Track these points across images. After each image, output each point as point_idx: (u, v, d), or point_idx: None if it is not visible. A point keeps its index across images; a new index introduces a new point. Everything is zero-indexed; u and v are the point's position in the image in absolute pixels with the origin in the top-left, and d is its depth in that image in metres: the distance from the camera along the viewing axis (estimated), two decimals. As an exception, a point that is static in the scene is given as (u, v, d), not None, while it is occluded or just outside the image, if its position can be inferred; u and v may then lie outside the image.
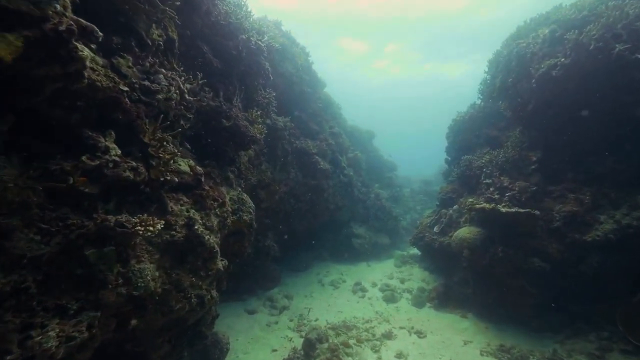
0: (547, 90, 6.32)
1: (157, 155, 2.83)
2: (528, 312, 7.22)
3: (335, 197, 12.55)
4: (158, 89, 2.79)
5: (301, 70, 9.90)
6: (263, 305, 9.09)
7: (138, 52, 2.71)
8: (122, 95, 2.45)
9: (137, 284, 2.95)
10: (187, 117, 3.62)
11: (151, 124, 2.83)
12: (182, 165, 3.37)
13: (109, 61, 2.43)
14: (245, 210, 5.29)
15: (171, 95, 2.95)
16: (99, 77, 2.22)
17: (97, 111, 2.44)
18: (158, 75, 2.85)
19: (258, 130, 5.34)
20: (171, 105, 3.01)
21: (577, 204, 6.24)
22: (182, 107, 3.39)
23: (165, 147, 2.98)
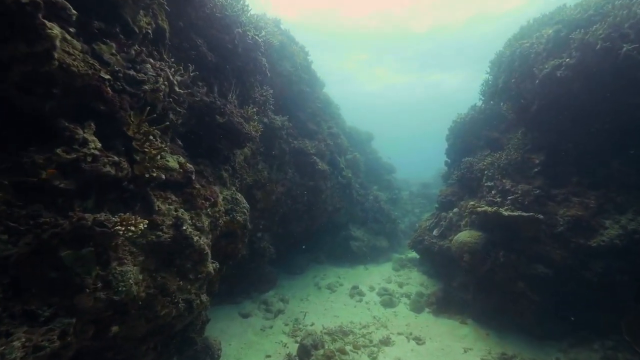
0: (551, 91, 6.16)
1: (142, 149, 2.64)
2: (530, 319, 7.03)
3: (333, 199, 12.35)
4: (144, 79, 2.60)
5: (300, 69, 9.72)
6: (258, 309, 8.87)
7: (123, 39, 2.52)
8: (104, 84, 2.26)
9: (118, 288, 2.74)
10: (178, 111, 3.43)
11: (136, 117, 2.64)
12: (171, 162, 3.17)
13: (90, 47, 2.24)
14: (239, 211, 5.09)
15: (159, 86, 2.76)
16: (76, 62, 2.02)
17: (76, 100, 2.24)
18: (145, 65, 2.66)
19: (254, 128, 5.15)
20: (159, 97, 2.82)
21: (581, 208, 6.08)
22: (172, 100, 3.19)
23: (151, 142, 2.78)
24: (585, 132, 6.22)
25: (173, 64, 3.15)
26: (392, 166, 20.57)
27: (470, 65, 36.94)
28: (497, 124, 10.12)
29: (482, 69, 8.63)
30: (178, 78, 3.19)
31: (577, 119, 6.17)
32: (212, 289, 5.28)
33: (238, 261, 8.82)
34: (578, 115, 6.12)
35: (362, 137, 19.39)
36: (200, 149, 5.00)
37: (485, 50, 11.66)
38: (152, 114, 2.66)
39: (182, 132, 4.66)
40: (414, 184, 26.54)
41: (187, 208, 3.74)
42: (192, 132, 4.84)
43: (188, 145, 4.72)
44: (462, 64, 39.26)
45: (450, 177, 12.49)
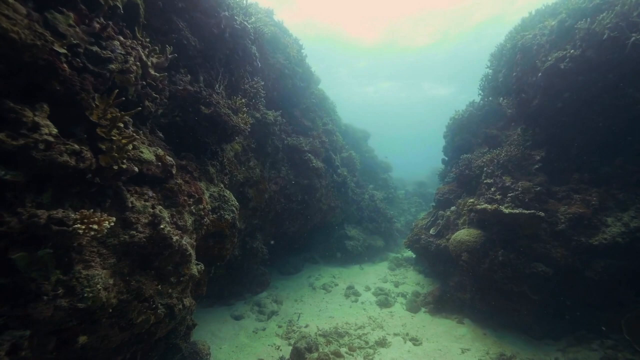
0: (554, 84, 5.95)
1: (109, 138, 2.33)
2: (528, 319, 6.86)
3: (328, 198, 12.08)
4: (110, 56, 2.29)
5: (293, 62, 9.40)
6: (250, 311, 8.57)
7: (85, 10, 2.20)
8: (58, 60, 1.95)
9: (83, 294, 2.43)
10: (155, 98, 3.12)
11: (102, 100, 2.33)
12: (145, 153, 2.86)
13: (41, 16, 1.93)
14: (227, 209, 4.78)
15: (129, 67, 2.45)
16: (19, 29, 1.71)
17: (25, 79, 1.93)
18: (112, 42, 2.35)
19: (243, 120, 4.84)
20: (129, 79, 2.51)
21: (583, 206, 5.88)
22: (146, 84, 2.88)
23: (120, 130, 2.47)
24: (588, 127, 6.02)
25: (147, 44, 2.83)
26: (389, 165, 20.36)
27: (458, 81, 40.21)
28: (495, 121, 9.93)
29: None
30: (153, 60, 2.88)
31: (580, 114, 5.96)
32: (199, 291, 4.98)
33: (229, 262, 8.54)
34: (581, 110, 5.91)
35: (358, 135, 19.14)
36: (185, 142, 4.69)
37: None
38: (120, 98, 2.34)
39: (164, 124, 4.35)
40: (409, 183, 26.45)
41: (167, 205, 3.43)
42: (175, 124, 4.52)
43: (171, 138, 4.40)
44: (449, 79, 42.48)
45: (447, 175, 12.29)
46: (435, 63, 40.56)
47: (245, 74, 5.89)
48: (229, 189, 5.97)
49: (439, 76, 43.86)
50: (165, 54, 3.06)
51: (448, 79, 43.89)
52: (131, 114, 2.49)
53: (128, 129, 2.64)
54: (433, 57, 39.30)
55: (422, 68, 42.25)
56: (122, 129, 2.56)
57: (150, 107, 3.29)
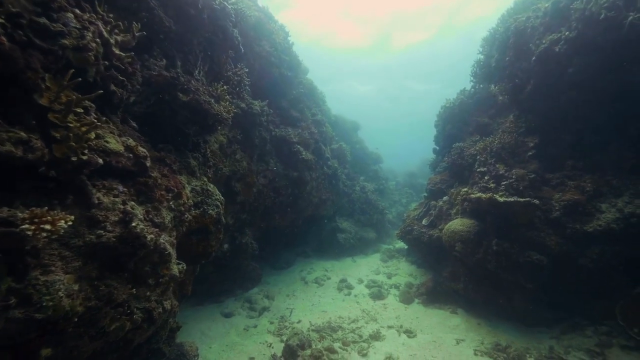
0: (548, 69, 5.80)
1: (65, 125, 2.02)
2: (521, 307, 6.85)
3: (319, 190, 11.85)
4: (62, 30, 1.97)
5: (280, 50, 9.02)
6: (241, 307, 8.35)
7: (28, -25, 1.88)
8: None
9: (41, 304, 2.15)
10: (121, 80, 2.79)
11: (54, 82, 2.01)
12: (112, 143, 2.55)
13: (-32, -23, 1.61)
14: (211, 204, 4.49)
15: (86, 43, 2.13)
16: None
17: (-48, 53, 1.61)
18: (64, 14, 2.03)
19: (225, 109, 4.52)
20: (87, 58, 2.19)
21: (577, 192, 5.80)
22: (111, 65, 2.56)
23: (79, 116, 2.16)
24: (582, 113, 5.91)
25: (110, 19, 2.49)
26: (379, 156, 20.20)
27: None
28: (486, 109, 9.80)
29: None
30: (118, 38, 2.55)
31: (574, 98, 5.84)
32: (183, 291, 4.71)
33: (218, 258, 8.26)
34: (575, 95, 5.79)
35: (348, 126, 18.88)
36: (163, 133, 4.36)
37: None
38: (76, 79, 2.03)
39: (138, 113, 4.01)
40: (400, 174, 26.44)
41: (141, 201, 3.14)
42: (151, 113, 4.18)
43: (147, 129, 4.07)
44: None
45: (439, 164, 12.19)
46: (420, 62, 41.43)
47: (228, 60, 5.54)
48: (213, 183, 5.66)
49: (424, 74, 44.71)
50: (132, 32, 2.72)
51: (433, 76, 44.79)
52: (91, 97, 2.17)
53: (89, 116, 2.32)
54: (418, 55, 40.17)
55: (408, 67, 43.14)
56: (81, 116, 2.24)
57: (119, 93, 2.96)
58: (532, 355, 5.81)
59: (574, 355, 5.64)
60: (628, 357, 5.23)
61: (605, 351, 5.48)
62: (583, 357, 5.48)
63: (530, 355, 5.80)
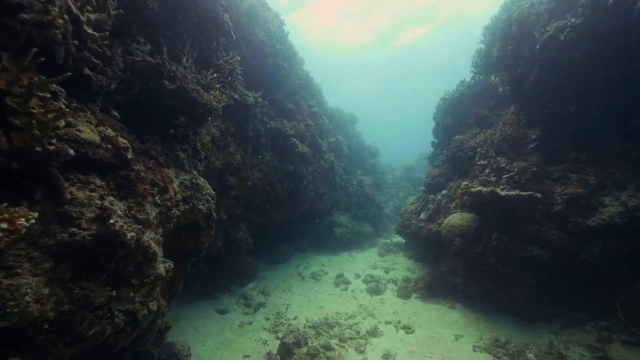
0: (553, 57, 5.58)
1: (27, 111, 1.79)
2: (520, 302, 6.76)
3: (316, 184, 11.64)
4: (21, 3, 1.73)
5: (274, 39, 8.71)
6: (236, 304, 8.20)
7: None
8: None
9: (5, 310, 1.94)
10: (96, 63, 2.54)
11: (13, 62, 1.78)
12: (85, 132, 2.31)
13: None
14: (202, 198, 4.27)
15: (52, 19, 1.89)
16: None
17: None
18: (22, -16, 1.78)
19: (215, 98, 4.28)
20: (53, 36, 1.95)
21: (580, 186, 5.65)
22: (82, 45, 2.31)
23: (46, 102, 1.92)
24: (586, 104, 5.73)
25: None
26: (377, 150, 19.99)
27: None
28: (486, 101, 9.60)
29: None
30: (91, 16, 2.29)
31: (579, 89, 5.64)
32: (174, 289, 4.52)
33: (212, 254, 8.07)
34: (580, 85, 5.59)
35: (345, 119, 18.61)
36: (150, 124, 4.11)
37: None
38: (39, 58, 1.79)
39: (121, 102, 3.75)
40: (397, 168, 26.29)
41: (122, 196, 2.91)
42: (136, 102, 3.94)
43: (132, 119, 3.83)
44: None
45: (437, 158, 12.02)
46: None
47: (219, 48, 5.27)
48: (205, 177, 5.44)
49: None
50: (107, 10, 2.46)
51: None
52: (58, 80, 1.94)
53: (58, 102, 2.08)
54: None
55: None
56: (48, 101, 2.01)
57: (97, 79, 2.71)
58: (532, 350, 5.71)
59: (574, 350, 5.54)
60: (629, 352, 5.14)
61: (606, 347, 5.39)
62: (583, 353, 5.39)
63: (529, 351, 5.70)
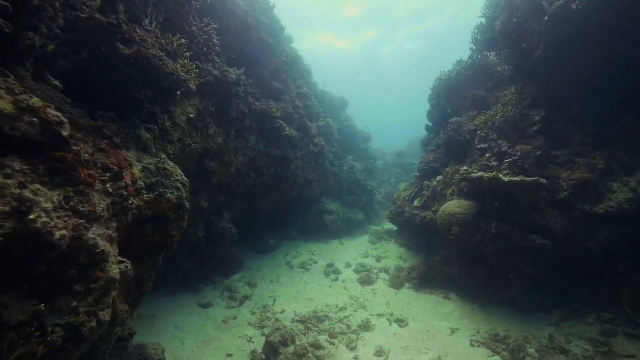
0: (563, 30, 5.08)
1: None
2: (518, 293, 6.49)
3: (305, 170, 11.09)
4: None
5: (259, 11, 7.92)
6: (220, 297, 7.73)
7: None
8: None
9: None
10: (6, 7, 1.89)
11: None
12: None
13: None
14: (170, 186, 3.68)
15: None
16: None
17: None
18: None
19: (184, 68, 3.63)
20: None
21: (588, 171, 5.27)
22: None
23: None
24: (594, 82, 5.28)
25: None
26: (368, 135, 19.45)
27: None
28: (484, 82, 9.09)
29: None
30: None
31: (588, 65, 5.18)
32: (142, 289, 3.96)
33: (193, 245, 7.51)
34: (590, 62, 5.13)
35: (336, 103, 17.91)
36: (106, 98, 3.45)
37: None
38: None
39: (66, 70, 3.08)
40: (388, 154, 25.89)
41: (57, 183, 2.31)
42: (86, 71, 3.26)
43: (83, 92, 3.17)
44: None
45: (431, 142, 11.56)
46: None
47: (191, 12, 4.55)
48: (179, 161, 4.82)
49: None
50: None
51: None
52: None
53: None
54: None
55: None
56: None
57: (25, 36, 2.05)
58: (532, 345, 5.44)
59: (576, 344, 5.29)
60: (635, 347, 4.90)
61: (610, 340, 5.14)
62: (586, 347, 5.14)
63: (530, 346, 5.42)
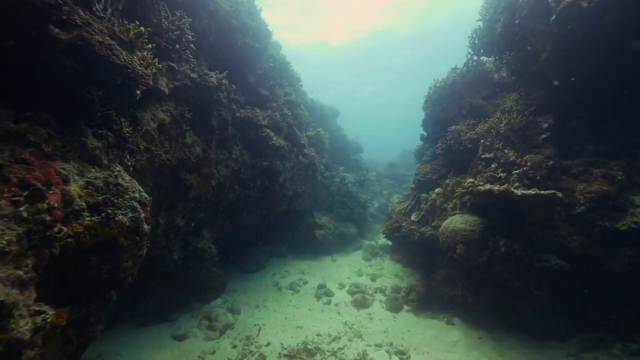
0: (571, 29, 4.67)
1: None
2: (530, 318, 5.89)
3: (294, 182, 10.41)
4: None
5: (244, 12, 7.38)
6: (198, 326, 6.86)
7: None
8: None
9: None
10: None
11: None
12: None
13: None
14: (123, 205, 2.95)
15: None
16: None
17: None
18: None
19: (143, 62, 2.96)
20: None
21: (606, 183, 4.78)
22: None
23: None
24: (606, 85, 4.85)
25: None
26: (360, 145, 18.97)
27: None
28: (480, 89, 8.72)
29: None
30: None
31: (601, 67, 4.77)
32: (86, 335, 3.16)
33: (168, 268, 6.68)
34: (603, 62, 4.71)
35: (326, 112, 17.42)
36: (43, 97, 2.76)
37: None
38: None
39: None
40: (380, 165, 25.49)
41: None
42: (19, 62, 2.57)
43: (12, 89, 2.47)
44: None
45: (425, 152, 11.10)
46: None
47: (160, 2, 3.92)
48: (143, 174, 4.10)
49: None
50: None
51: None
52: None
53: None
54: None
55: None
56: None
57: None
58: (553, 382, 4.80)
59: (602, 381, 4.68)
60: (670, 384, 4.30)
61: (640, 375, 4.54)
62: (615, 385, 4.52)
63: (550, 383, 4.78)
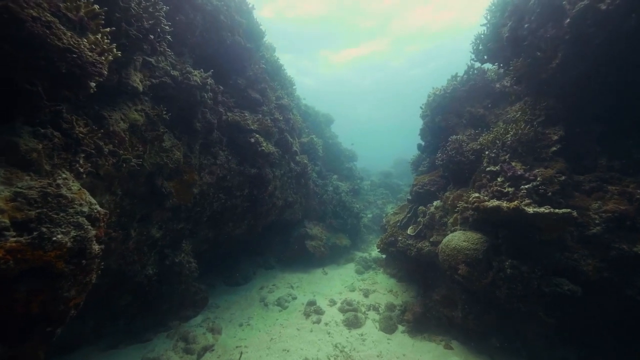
0: (587, 35, 4.31)
1: None
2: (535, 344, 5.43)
3: (285, 191, 9.88)
4: None
5: (234, 9, 6.91)
6: (173, 349, 6.22)
7: None
8: None
9: None
10: None
11: None
12: None
13: None
14: (64, 221, 2.39)
15: None
16: None
17: None
18: None
19: (96, 47, 2.44)
20: None
21: (623, 201, 4.37)
22: None
23: None
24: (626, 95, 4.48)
25: None
26: (354, 153, 18.56)
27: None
28: (481, 98, 8.36)
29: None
30: None
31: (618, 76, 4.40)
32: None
33: (141, 285, 6.05)
34: (621, 71, 4.35)
35: (320, 119, 16.99)
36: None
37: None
38: None
39: None
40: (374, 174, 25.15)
41: None
42: None
43: None
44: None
45: (422, 163, 10.71)
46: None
47: (129, -14, 3.40)
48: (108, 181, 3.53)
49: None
50: None
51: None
52: None
53: None
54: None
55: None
56: None
57: None
58: (565, 422, 4.30)
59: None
60: None
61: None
62: None
63: (562, 423, 4.28)
